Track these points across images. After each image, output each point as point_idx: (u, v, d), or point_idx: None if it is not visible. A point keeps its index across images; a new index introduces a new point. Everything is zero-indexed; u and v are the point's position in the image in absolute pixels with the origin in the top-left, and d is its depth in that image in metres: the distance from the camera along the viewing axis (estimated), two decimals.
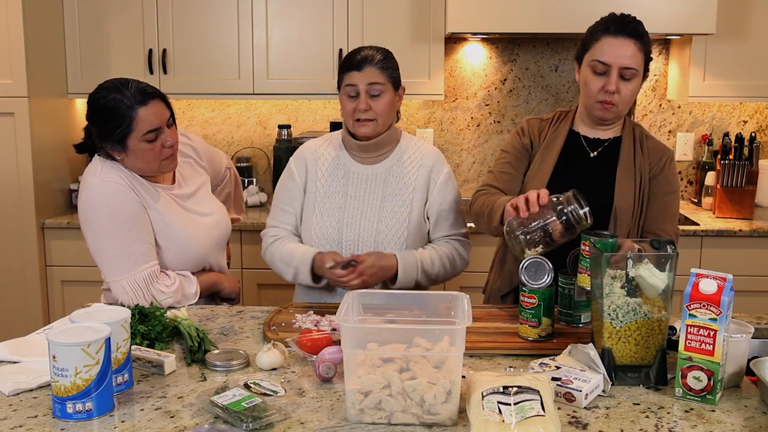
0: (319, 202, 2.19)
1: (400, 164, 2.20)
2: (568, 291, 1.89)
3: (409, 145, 2.24)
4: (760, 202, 3.62)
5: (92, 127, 2.06)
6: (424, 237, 2.22)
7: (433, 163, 2.21)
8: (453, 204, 2.23)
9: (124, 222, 2.02)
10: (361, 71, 2.09)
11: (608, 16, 2.05)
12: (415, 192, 2.18)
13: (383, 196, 2.17)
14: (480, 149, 3.85)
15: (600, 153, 2.13)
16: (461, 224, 2.25)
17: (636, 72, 2.00)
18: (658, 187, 2.11)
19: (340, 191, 2.19)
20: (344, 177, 2.20)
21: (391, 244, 2.14)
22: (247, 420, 1.37)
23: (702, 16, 3.18)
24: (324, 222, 2.17)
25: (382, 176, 2.19)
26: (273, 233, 2.23)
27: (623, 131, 2.14)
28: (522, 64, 3.78)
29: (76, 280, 3.34)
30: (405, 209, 2.16)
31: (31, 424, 1.40)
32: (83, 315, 1.54)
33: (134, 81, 2.03)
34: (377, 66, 2.10)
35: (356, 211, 2.16)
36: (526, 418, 1.31)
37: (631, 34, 1.99)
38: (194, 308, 2.09)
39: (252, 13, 3.45)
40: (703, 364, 1.48)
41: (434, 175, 2.21)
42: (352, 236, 2.15)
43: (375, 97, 2.11)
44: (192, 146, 2.29)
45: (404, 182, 2.19)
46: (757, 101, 3.69)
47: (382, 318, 1.58)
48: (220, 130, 3.87)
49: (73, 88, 3.51)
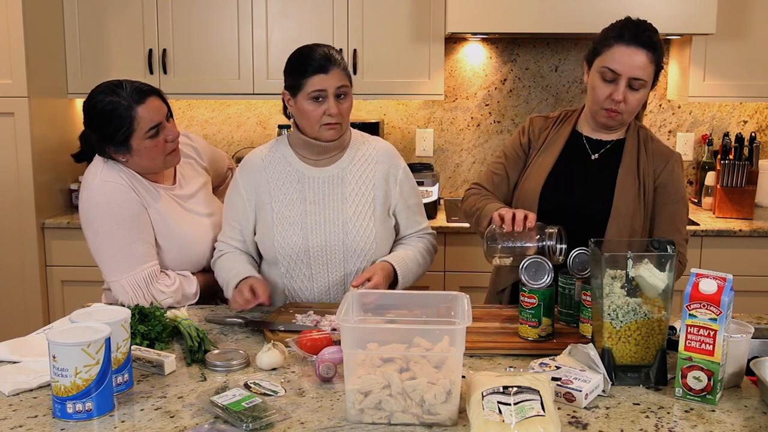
0: (277, 212, 2.10)
1: (355, 162, 2.15)
2: (568, 291, 1.89)
3: (362, 142, 2.19)
4: (760, 202, 3.61)
5: (92, 133, 2.05)
6: (390, 232, 2.18)
7: (389, 159, 2.18)
8: (416, 197, 2.24)
9: (125, 222, 2.02)
10: (328, 74, 2.00)
11: (624, 21, 2.01)
12: (375, 189, 2.14)
13: (343, 197, 2.11)
14: (480, 149, 3.85)
15: (601, 155, 2.12)
16: (425, 216, 2.28)
17: (645, 83, 1.97)
18: (665, 195, 2.08)
19: (297, 198, 2.10)
20: (299, 183, 2.11)
21: (360, 245, 2.09)
22: (247, 420, 1.37)
23: (702, 16, 3.17)
24: (287, 232, 2.09)
25: (338, 177, 2.13)
26: (219, 248, 2.17)
27: (627, 133, 2.12)
28: (522, 64, 3.78)
29: (76, 280, 3.34)
30: (368, 207, 2.12)
31: (31, 424, 1.40)
32: (83, 315, 1.54)
33: (127, 81, 2.03)
34: (341, 67, 2.03)
35: (319, 216, 2.10)
36: (526, 418, 1.31)
37: (644, 44, 1.95)
38: (194, 308, 2.09)
39: (252, 13, 3.45)
40: (703, 364, 1.48)
41: (393, 171, 2.17)
42: (319, 242, 2.09)
43: (341, 99, 2.04)
44: (193, 146, 2.29)
45: (362, 180, 2.14)
46: (757, 101, 3.69)
47: (382, 318, 1.58)
48: (220, 130, 3.87)
49: (73, 88, 3.51)
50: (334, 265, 2.10)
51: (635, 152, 2.09)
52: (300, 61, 2.04)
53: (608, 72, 1.97)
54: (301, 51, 2.06)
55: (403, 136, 3.84)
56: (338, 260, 2.10)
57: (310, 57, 2.02)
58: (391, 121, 3.82)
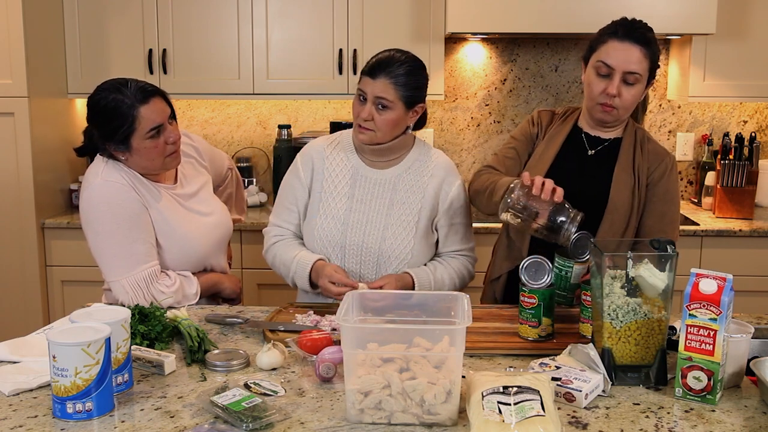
0: (324, 202, 2.13)
1: (411, 171, 2.14)
2: (564, 272, 1.90)
3: (422, 152, 2.18)
4: (760, 202, 3.61)
5: (94, 129, 2.06)
6: (430, 247, 2.16)
7: (446, 174, 2.16)
8: (464, 218, 2.19)
9: (126, 222, 2.02)
10: (374, 79, 2.01)
11: (619, 19, 2.05)
12: (424, 200, 2.12)
13: (391, 203, 2.12)
14: (480, 149, 3.85)
15: (598, 152, 2.14)
16: (470, 238, 2.22)
17: (639, 77, 2.00)
18: (656, 195, 2.10)
19: (346, 193, 2.12)
20: (352, 179, 2.13)
21: (396, 252, 2.09)
22: (247, 420, 1.37)
23: (702, 16, 3.18)
24: (328, 224, 2.11)
25: (391, 182, 2.13)
26: (275, 233, 2.20)
27: (625, 132, 2.15)
28: (522, 64, 3.78)
29: (76, 280, 3.34)
30: (413, 217, 2.11)
31: (31, 424, 1.40)
32: (83, 315, 1.54)
33: (133, 80, 2.03)
34: (391, 80, 2.00)
35: (362, 215, 2.11)
36: (526, 418, 1.31)
37: (638, 40, 1.99)
38: (194, 308, 2.09)
39: (252, 13, 3.45)
40: (703, 364, 1.48)
41: (446, 186, 2.15)
42: (356, 240, 2.10)
43: (381, 109, 2.02)
44: (194, 146, 2.29)
45: (414, 190, 2.13)
46: (757, 101, 3.69)
47: (382, 318, 1.58)
48: (220, 130, 3.87)
49: (73, 88, 3.51)
50: (367, 267, 2.10)
51: (631, 150, 2.12)
52: (371, 58, 2.07)
53: (603, 66, 2.00)
54: (382, 51, 2.08)
55: None
56: (372, 262, 2.10)
57: (376, 59, 2.05)
58: None
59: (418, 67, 2.08)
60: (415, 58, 2.09)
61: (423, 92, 2.09)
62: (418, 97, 2.07)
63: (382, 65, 2.02)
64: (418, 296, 1.64)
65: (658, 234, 2.07)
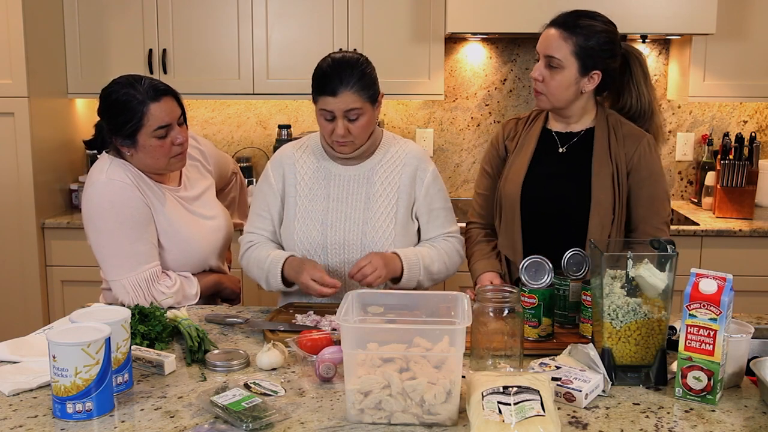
0: (300, 206, 2.12)
1: (383, 164, 2.14)
2: (563, 292, 1.87)
3: (392, 144, 2.18)
4: (760, 202, 3.61)
5: (103, 122, 2.07)
6: (411, 237, 2.16)
7: (418, 162, 2.15)
8: (443, 202, 2.19)
9: (128, 221, 2.02)
10: (336, 96, 1.97)
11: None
12: (400, 191, 2.13)
13: (367, 197, 2.11)
14: (480, 149, 3.85)
15: (570, 147, 2.12)
16: (452, 221, 2.21)
17: (560, 62, 2.02)
18: (641, 179, 2.06)
19: (322, 194, 2.12)
20: (325, 179, 2.13)
21: (378, 245, 2.08)
22: (247, 420, 1.37)
23: (702, 16, 3.18)
24: (307, 226, 2.10)
25: (365, 176, 2.13)
26: (249, 239, 2.18)
27: (596, 121, 2.12)
28: (522, 64, 3.78)
29: (76, 280, 3.34)
30: (391, 209, 2.11)
31: (31, 424, 1.40)
32: (83, 315, 1.54)
33: (147, 78, 2.05)
34: (353, 90, 1.97)
35: (340, 214, 2.10)
36: (526, 418, 1.31)
37: (557, 24, 2.05)
38: (194, 308, 2.09)
39: (252, 13, 3.45)
40: (703, 364, 1.48)
41: (420, 173, 2.15)
42: (337, 239, 2.09)
43: (354, 119, 2.00)
44: (200, 149, 2.29)
45: (389, 181, 2.13)
46: (757, 101, 3.69)
47: (382, 318, 1.58)
48: (220, 130, 3.87)
49: (73, 88, 3.50)
50: (350, 265, 2.09)
51: (606, 138, 2.09)
52: (317, 77, 2.02)
53: (537, 53, 2.08)
54: (321, 66, 2.03)
55: (402, 136, 3.81)
56: (355, 259, 2.08)
57: (325, 76, 1.99)
58: (391, 121, 3.82)
59: (363, 61, 2.05)
60: (356, 56, 2.06)
61: (377, 82, 2.07)
62: (377, 89, 2.06)
63: (337, 79, 1.97)
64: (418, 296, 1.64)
65: (651, 220, 2.06)
